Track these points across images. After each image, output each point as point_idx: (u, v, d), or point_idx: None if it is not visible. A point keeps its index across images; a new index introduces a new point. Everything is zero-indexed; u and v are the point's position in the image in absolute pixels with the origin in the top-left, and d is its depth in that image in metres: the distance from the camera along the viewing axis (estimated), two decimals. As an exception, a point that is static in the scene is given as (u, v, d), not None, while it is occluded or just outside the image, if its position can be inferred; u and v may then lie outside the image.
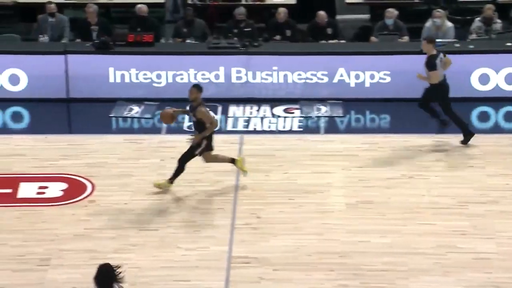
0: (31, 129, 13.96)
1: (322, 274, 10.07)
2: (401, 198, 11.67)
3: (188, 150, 11.77)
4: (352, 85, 14.63)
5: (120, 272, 7.69)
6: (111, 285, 7.73)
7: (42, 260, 10.28)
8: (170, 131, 13.84)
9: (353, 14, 16.85)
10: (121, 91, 14.66)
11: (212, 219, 11.23)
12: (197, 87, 11.66)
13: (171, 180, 11.78)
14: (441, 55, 12.85)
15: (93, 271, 9.95)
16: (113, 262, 10.06)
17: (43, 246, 10.57)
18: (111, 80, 14.68)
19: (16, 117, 14.39)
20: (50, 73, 14.53)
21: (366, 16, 16.82)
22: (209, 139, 11.77)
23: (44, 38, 15.14)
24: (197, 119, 11.62)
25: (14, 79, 14.55)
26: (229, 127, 14.01)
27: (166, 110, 11.95)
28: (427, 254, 10.41)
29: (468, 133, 13.05)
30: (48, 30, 15.29)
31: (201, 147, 11.70)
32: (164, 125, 14.03)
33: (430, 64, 12.74)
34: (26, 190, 11.84)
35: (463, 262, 10.28)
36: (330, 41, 15.37)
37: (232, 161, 11.99)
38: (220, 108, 14.49)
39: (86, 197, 11.72)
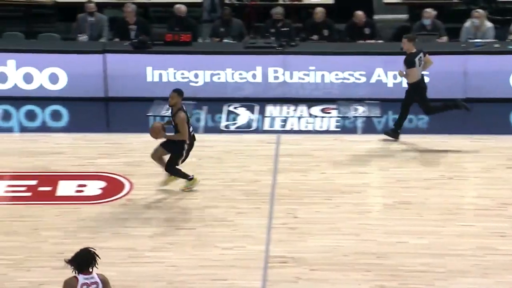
0: (70, 128, 14.07)
1: (359, 275, 10.03)
2: (440, 199, 11.60)
3: (170, 160, 11.55)
4: (390, 85, 14.57)
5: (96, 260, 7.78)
6: (87, 269, 7.77)
7: (81, 258, 10.34)
8: (207, 130, 13.89)
9: (391, 14, 16.78)
10: (158, 90, 14.71)
11: (249, 218, 11.23)
12: (178, 92, 11.49)
13: (186, 178, 11.66)
14: (421, 54, 12.80)
15: (131, 269, 10.11)
16: (148, 260, 10.20)
17: (82, 244, 10.48)
18: (149, 79, 14.75)
19: (56, 115, 14.51)
20: (89, 72, 14.63)
21: (404, 16, 16.74)
22: (189, 148, 11.58)
23: (83, 37, 15.25)
24: (175, 124, 11.48)
25: (54, 78, 14.67)
26: (266, 127, 14.01)
27: (155, 124, 11.75)
28: (466, 255, 10.33)
29: (460, 105, 12.89)
30: (87, 29, 15.40)
31: (183, 155, 11.51)
32: (202, 125, 14.09)
33: (408, 62, 12.76)
34: (65, 188, 11.93)
35: (503, 264, 10.19)
36: (368, 41, 15.32)
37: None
38: (257, 108, 14.51)
39: (124, 195, 11.78)
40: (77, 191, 11.87)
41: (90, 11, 15.42)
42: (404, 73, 12.86)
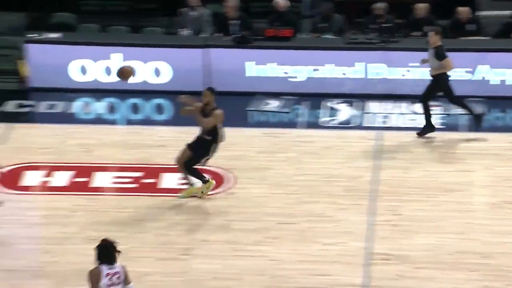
0: (173, 121, 14.23)
1: (463, 274, 9.90)
2: (547, 199, 11.37)
3: (191, 158, 11.30)
4: (495, 82, 14.30)
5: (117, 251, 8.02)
6: (110, 260, 7.97)
7: (185, 250, 10.49)
8: (307, 126, 13.88)
9: (496, 10, 16.44)
10: (258, 85, 14.79)
11: (349, 214, 11.20)
12: (211, 90, 11.40)
13: (202, 179, 11.43)
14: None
15: (234, 262, 10.21)
16: (250, 254, 10.27)
17: (185, 236, 10.77)
18: (250, 74, 14.82)
19: (159, 109, 14.71)
20: (192, 66, 14.78)
21: (510, 12, 16.36)
22: (215, 149, 11.39)
23: (185, 32, 15.43)
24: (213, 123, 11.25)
25: (158, 72, 14.86)
26: (367, 123, 13.92)
27: (127, 68, 11.29)
28: None
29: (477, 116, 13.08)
30: (189, 23, 15.57)
31: (208, 156, 11.37)
32: (300, 120, 14.08)
33: (441, 54, 12.79)
34: (168, 180, 12.07)
35: None
36: (472, 38, 15.05)
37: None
38: (357, 104, 14.42)
39: (226, 189, 11.88)
40: (180, 184, 12.00)
41: (193, 5, 15.58)
42: (427, 59, 12.97)
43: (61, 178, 12.10)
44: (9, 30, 15.48)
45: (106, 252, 7.99)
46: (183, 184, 11.72)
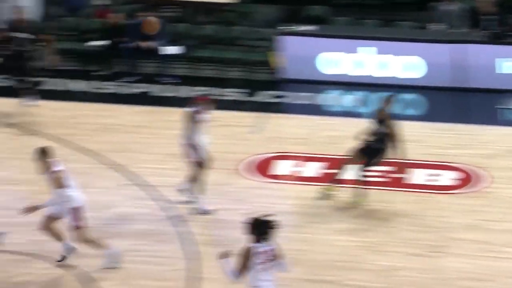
0: (422, 117, 14.02)
1: None
2: None
3: (366, 164, 11.07)
4: None
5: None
6: (264, 238, 7.85)
7: (434, 247, 10.33)
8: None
9: None
10: (509, 82, 14.33)
11: None
12: (389, 98, 11.07)
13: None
14: None
15: (486, 263, 9.93)
16: (505, 256, 9.90)
17: (435, 233, 10.61)
18: (499, 70, 14.35)
19: (410, 103, 14.45)
20: (442, 62, 14.52)
21: None
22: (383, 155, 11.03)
23: (436, 26, 15.20)
24: (389, 131, 10.91)
25: (409, 67, 14.71)
26: None
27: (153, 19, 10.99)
28: None
29: None
30: (441, 18, 15.33)
31: (378, 161, 11.02)
32: None
33: None
34: (417, 176, 11.91)
35: None
36: None
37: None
38: None
39: (481, 188, 11.57)
40: (430, 180, 11.82)
41: (448, 0, 15.34)
42: None
43: (311, 169, 12.28)
44: (263, 23, 15.90)
45: (261, 229, 7.90)
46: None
